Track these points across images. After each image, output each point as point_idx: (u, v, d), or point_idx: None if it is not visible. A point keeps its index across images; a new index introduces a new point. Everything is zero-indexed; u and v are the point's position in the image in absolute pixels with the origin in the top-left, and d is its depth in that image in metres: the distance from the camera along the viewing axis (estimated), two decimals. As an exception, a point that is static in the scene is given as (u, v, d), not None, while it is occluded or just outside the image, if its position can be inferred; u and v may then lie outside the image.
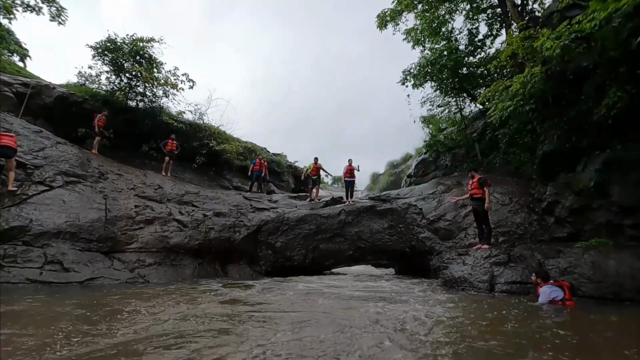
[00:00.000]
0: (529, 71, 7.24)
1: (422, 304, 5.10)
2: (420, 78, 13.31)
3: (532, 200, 8.56)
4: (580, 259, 5.87)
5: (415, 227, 10.14)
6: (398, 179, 25.87)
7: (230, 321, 3.81)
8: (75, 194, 8.44)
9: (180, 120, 14.76)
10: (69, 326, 3.45)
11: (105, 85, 13.25)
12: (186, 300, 5.18)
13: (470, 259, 7.34)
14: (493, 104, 8.39)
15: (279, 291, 6.45)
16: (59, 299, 5.10)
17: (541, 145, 8.37)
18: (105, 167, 10.07)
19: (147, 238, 8.82)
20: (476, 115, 14.09)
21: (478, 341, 3.04)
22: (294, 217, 11.02)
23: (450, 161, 13.56)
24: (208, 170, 15.32)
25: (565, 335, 3.32)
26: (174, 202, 10.37)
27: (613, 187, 6.46)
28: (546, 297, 5.05)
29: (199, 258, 9.59)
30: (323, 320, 3.89)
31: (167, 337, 3.10)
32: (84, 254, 7.58)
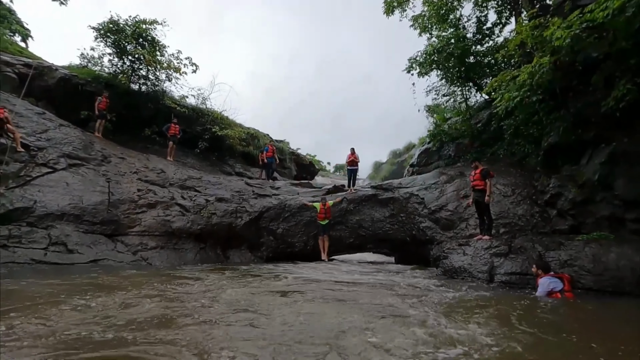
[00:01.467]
0: (537, 61, 7.11)
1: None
2: (426, 66, 13.11)
3: (535, 192, 8.53)
4: (581, 252, 5.88)
5: (417, 216, 10.16)
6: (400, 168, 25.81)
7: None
8: (78, 177, 8.48)
9: (183, 104, 14.68)
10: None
11: (107, 67, 13.14)
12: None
13: (470, 250, 7.37)
14: (499, 94, 8.27)
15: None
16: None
17: (546, 137, 8.29)
18: (108, 150, 10.08)
19: (150, 222, 8.89)
20: (481, 105, 13.92)
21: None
22: (295, 204, 11.06)
23: (453, 151, 13.47)
24: (210, 156, 15.31)
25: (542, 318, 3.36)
26: (177, 187, 10.41)
27: (617, 181, 6.41)
28: (545, 288, 5.07)
29: (201, 243, 9.69)
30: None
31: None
32: (88, 236, 7.67)
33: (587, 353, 2.57)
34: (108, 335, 2.52)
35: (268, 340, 2.55)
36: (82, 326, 2.76)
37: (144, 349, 2.24)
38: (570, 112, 7.57)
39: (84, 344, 2.36)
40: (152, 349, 2.25)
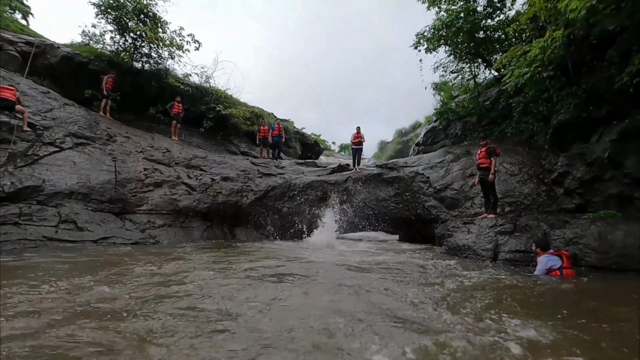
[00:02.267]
0: (549, 35, 6.86)
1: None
2: (434, 42, 12.72)
3: (542, 170, 8.44)
4: (587, 230, 5.86)
5: (422, 195, 10.15)
6: (406, 147, 25.58)
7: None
8: (85, 156, 8.54)
9: (187, 83, 14.52)
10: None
11: (110, 45, 12.96)
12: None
13: (475, 228, 7.39)
14: (509, 70, 8.05)
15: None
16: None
17: (556, 114, 8.12)
18: (113, 129, 10.09)
19: (157, 200, 9.00)
20: (490, 82, 13.58)
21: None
22: (300, 183, 11.09)
23: (460, 130, 13.27)
24: (215, 135, 15.28)
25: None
26: (182, 166, 10.46)
27: (628, 159, 6.31)
28: (543, 266, 5.09)
29: (207, 221, 9.82)
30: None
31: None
32: (97, 214, 7.80)
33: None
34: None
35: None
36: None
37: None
38: (583, 88, 7.37)
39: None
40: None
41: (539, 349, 2.16)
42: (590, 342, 2.31)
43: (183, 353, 1.96)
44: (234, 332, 2.32)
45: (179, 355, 1.94)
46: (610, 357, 2.15)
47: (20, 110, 7.88)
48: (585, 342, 2.30)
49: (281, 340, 2.19)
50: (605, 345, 2.27)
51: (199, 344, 2.08)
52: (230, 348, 2.05)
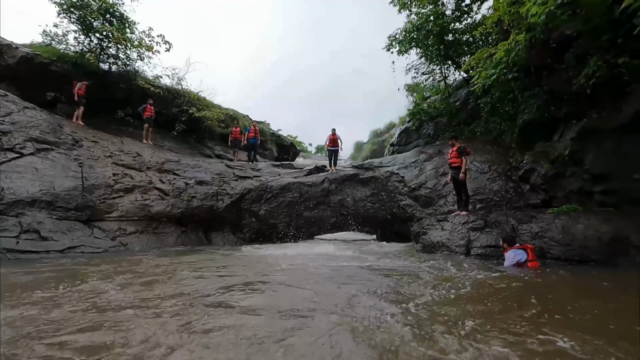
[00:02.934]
0: (513, 38, 7.18)
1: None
2: (405, 44, 13.02)
3: (510, 168, 8.81)
4: (551, 224, 6.18)
5: (397, 194, 10.34)
6: (381, 147, 25.98)
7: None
8: (48, 162, 8.12)
9: (157, 85, 14.11)
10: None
11: (73, 45, 12.40)
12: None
13: (448, 225, 7.62)
14: (477, 72, 8.35)
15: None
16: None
17: (521, 114, 8.50)
18: (79, 133, 9.65)
19: (128, 207, 8.68)
20: (460, 83, 14.04)
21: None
22: (277, 186, 11.02)
23: (432, 130, 13.64)
24: (189, 138, 14.93)
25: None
26: (154, 170, 10.15)
27: (587, 155, 6.69)
28: (510, 260, 5.37)
29: (182, 226, 9.58)
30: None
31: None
32: (62, 222, 7.43)
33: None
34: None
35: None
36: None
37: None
38: (544, 89, 7.75)
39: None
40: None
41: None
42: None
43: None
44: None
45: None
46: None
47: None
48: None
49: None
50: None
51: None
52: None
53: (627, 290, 3.92)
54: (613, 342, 2.26)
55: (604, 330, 2.51)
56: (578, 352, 2.11)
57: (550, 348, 2.18)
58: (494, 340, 2.28)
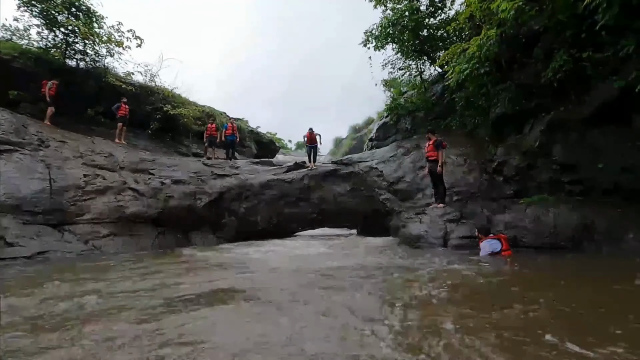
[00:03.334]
0: (485, 33, 7.35)
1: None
2: (381, 39, 13.09)
3: (485, 161, 9.05)
4: (523, 214, 6.42)
5: (377, 189, 10.45)
6: (360, 143, 26.16)
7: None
8: (12, 164, 7.70)
9: (129, 82, 13.62)
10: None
11: (37, 41, 11.78)
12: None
13: (426, 218, 7.77)
14: (451, 67, 8.51)
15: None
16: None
17: (494, 107, 8.74)
18: (45, 133, 9.20)
19: (101, 208, 8.38)
20: (435, 78, 14.27)
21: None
22: (257, 183, 10.92)
23: (410, 124, 13.82)
24: (164, 137, 14.52)
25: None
26: (128, 170, 9.82)
27: (555, 147, 6.96)
28: (486, 250, 5.54)
29: (159, 227, 9.33)
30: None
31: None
32: (30, 227, 7.09)
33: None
34: None
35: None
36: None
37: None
38: (515, 83, 8.00)
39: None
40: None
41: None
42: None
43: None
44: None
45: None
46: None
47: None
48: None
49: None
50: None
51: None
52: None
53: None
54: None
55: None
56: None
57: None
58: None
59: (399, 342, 2.16)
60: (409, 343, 2.15)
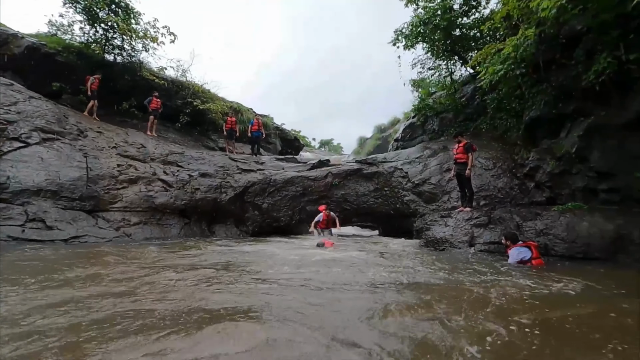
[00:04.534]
0: (522, 33, 7.08)
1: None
2: (412, 38, 12.89)
3: (515, 165, 8.75)
4: (556, 221, 6.14)
5: (401, 190, 10.32)
6: (385, 143, 25.88)
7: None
8: (53, 152, 8.16)
9: (162, 76, 14.10)
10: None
11: (79, 36, 12.40)
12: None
13: (452, 221, 7.59)
14: (484, 67, 8.25)
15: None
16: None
17: (528, 110, 8.41)
18: (84, 124, 9.68)
19: (132, 197, 8.73)
20: (466, 79, 13.92)
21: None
22: (280, 179, 11.02)
23: (437, 126, 13.56)
24: (192, 131, 14.94)
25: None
26: (158, 162, 10.18)
27: (592, 153, 6.62)
28: (514, 258, 5.33)
29: (185, 218, 9.62)
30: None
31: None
32: (67, 212, 7.48)
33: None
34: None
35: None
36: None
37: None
38: (552, 85, 7.66)
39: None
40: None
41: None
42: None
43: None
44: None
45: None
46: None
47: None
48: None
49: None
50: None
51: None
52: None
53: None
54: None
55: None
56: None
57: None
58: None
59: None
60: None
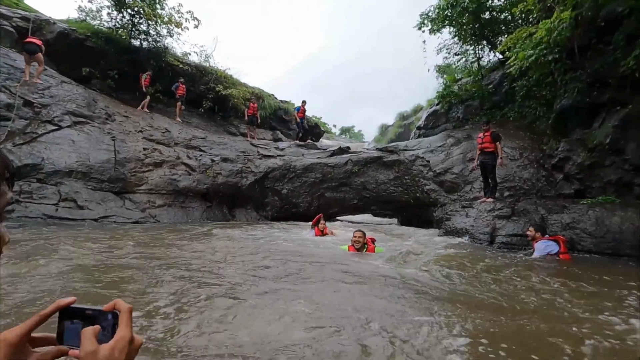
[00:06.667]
0: (557, 16, 6.68)
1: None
2: (438, 22, 12.41)
3: (543, 156, 8.42)
4: (584, 215, 5.92)
5: (421, 179, 10.16)
6: (407, 130, 25.40)
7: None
8: (83, 135, 8.49)
9: (186, 62, 14.27)
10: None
11: (107, 21, 12.67)
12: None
13: (473, 212, 7.45)
14: (514, 52, 7.89)
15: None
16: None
17: (559, 98, 8.02)
18: (111, 108, 9.99)
19: (157, 180, 9.02)
20: (494, 65, 13.34)
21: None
22: (300, 165, 11.08)
23: (462, 113, 13.14)
24: (215, 116, 15.14)
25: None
26: (182, 146, 10.42)
27: (628, 145, 6.28)
28: (541, 251, 5.18)
29: (207, 201, 9.87)
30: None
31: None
32: (96, 193, 7.83)
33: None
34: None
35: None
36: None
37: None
38: (587, 72, 7.26)
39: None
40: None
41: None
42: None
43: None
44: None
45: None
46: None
47: (39, 58, 8.62)
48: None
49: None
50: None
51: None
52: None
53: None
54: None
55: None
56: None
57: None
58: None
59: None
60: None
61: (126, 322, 0.52)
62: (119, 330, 0.51)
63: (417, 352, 2.06)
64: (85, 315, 0.54)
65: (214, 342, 2.09)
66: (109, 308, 0.54)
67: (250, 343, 2.10)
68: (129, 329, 0.52)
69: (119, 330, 0.51)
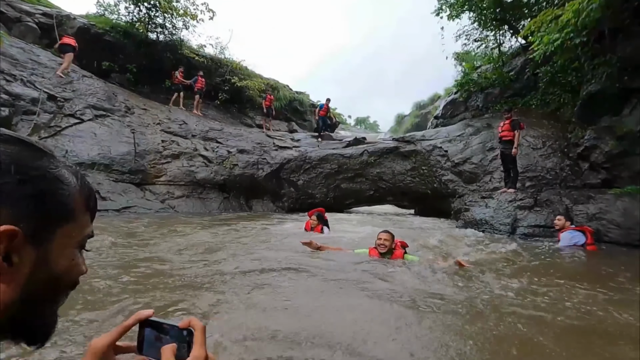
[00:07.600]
0: (585, -3, 6.35)
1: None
2: (457, 7, 12.02)
3: (568, 144, 8.11)
4: (612, 206, 5.70)
5: (439, 169, 9.98)
6: (424, 120, 24.93)
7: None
8: (105, 127, 8.70)
9: (202, 54, 14.36)
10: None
11: (124, 15, 12.84)
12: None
13: (493, 202, 7.27)
14: (537, 37, 7.54)
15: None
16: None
17: (586, 85, 7.67)
18: (131, 101, 10.18)
19: (175, 172, 9.18)
20: (516, 51, 12.85)
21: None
22: (316, 156, 11.06)
23: (482, 102, 12.76)
24: (231, 108, 15.24)
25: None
26: (199, 138, 10.54)
27: (661, 132, 5.97)
28: (567, 242, 5.02)
29: (224, 192, 10.00)
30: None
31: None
32: (118, 184, 8.04)
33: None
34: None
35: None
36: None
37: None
38: (618, 56, 6.89)
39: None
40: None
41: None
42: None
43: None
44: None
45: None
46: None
47: (67, 57, 9.10)
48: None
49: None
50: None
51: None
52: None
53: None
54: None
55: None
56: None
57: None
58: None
59: None
60: None
61: (201, 341, 0.54)
62: (194, 349, 0.54)
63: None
64: (162, 328, 0.57)
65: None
66: (184, 325, 0.55)
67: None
68: (204, 349, 0.54)
69: (194, 350, 0.53)
